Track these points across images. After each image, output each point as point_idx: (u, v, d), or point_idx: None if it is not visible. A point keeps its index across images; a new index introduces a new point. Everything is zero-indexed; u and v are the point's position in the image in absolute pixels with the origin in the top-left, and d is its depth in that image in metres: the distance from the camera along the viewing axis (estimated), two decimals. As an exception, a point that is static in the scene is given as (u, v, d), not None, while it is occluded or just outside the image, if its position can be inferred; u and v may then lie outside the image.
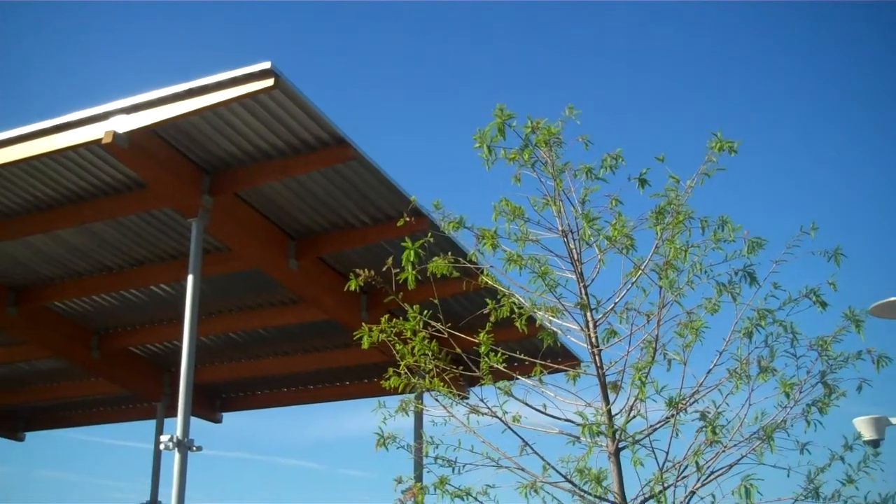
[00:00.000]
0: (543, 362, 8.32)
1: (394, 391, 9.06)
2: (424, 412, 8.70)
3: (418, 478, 8.51)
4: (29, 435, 34.23)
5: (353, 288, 8.92)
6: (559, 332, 8.47)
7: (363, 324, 8.54)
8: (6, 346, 27.80)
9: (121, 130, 16.61)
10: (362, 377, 28.98)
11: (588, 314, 8.34)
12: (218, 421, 30.68)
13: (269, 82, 15.51)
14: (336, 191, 19.50)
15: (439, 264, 8.47)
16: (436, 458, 8.27)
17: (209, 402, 29.79)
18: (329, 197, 19.72)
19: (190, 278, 18.42)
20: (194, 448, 17.89)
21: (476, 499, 8.08)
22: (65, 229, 21.25)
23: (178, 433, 17.64)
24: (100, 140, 16.66)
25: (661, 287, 7.98)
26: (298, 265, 21.16)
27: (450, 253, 8.73)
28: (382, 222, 20.37)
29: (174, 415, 23.43)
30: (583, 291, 8.35)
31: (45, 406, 32.88)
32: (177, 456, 17.61)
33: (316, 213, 20.40)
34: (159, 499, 27.03)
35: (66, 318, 25.90)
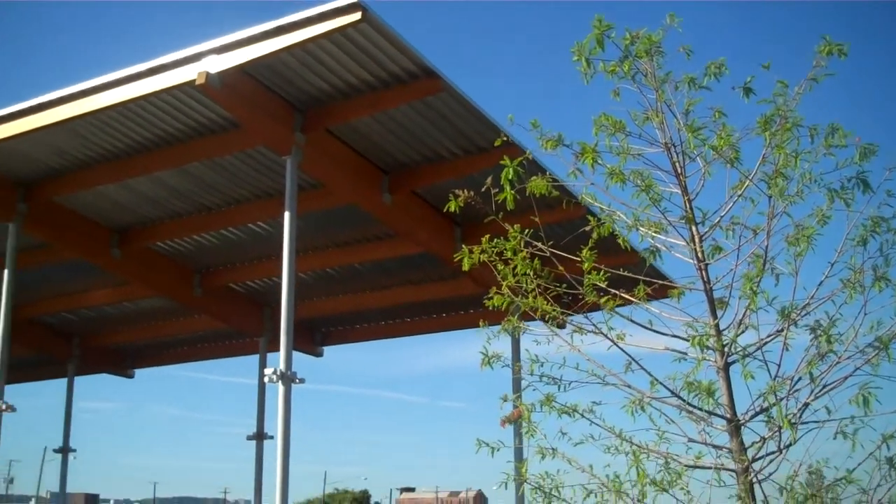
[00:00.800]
0: (648, 278, 8.18)
1: (494, 317, 9.00)
2: (527, 332, 8.61)
3: (522, 397, 8.48)
4: (138, 372, 35.52)
5: (452, 209, 8.82)
6: (663, 248, 8.30)
7: (462, 246, 8.43)
8: (112, 287, 28.74)
9: (213, 71, 16.78)
10: (459, 309, 29.18)
11: (693, 228, 8.16)
12: (319, 355, 31.32)
13: (357, 16, 15.43)
14: (427, 123, 19.46)
15: (538, 183, 8.34)
16: (541, 376, 8.23)
17: (309, 337, 30.39)
18: (420, 130, 19.70)
19: (286, 215, 18.65)
20: (297, 380, 18.29)
21: (582, 415, 8.06)
22: (164, 171, 21.73)
23: (282, 366, 18.03)
24: (193, 81, 16.87)
25: (770, 196, 7.76)
26: (392, 199, 21.25)
27: (548, 173, 8.62)
28: (474, 154, 20.30)
29: (276, 349, 24.00)
30: (687, 205, 8.14)
31: (151, 344, 33.99)
32: (281, 388, 18.03)
33: (407, 146, 20.41)
34: (265, 430, 27.79)
35: (169, 258, 26.61)
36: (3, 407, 21.67)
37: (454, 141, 20.02)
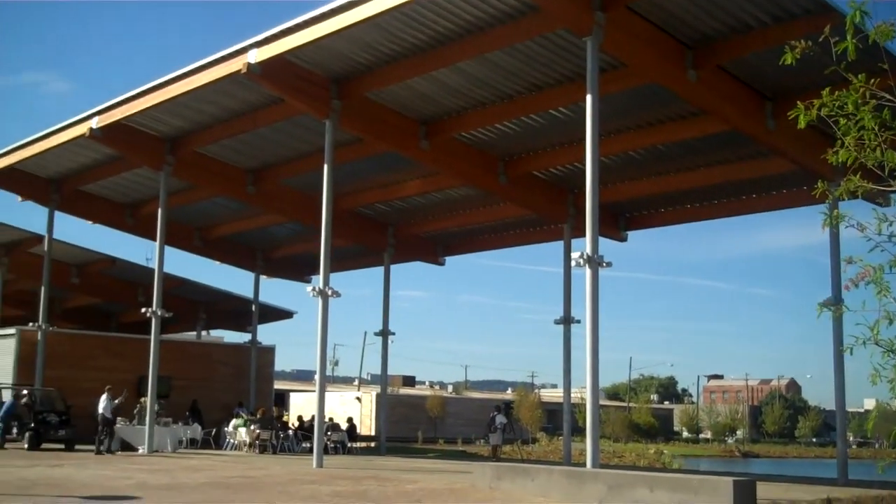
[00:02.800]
0: None
1: (814, 198, 8.28)
2: (873, 191, 7.80)
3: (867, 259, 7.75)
4: (448, 260, 36.97)
5: (788, 62, 7.87)
6: None
7: (797, 102, 7.71)
8: (422, 178, 29.88)
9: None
10: (769, 189, 27.84)
11: None
12: (623, 240, 31.11)
13: None
14: (734, -10, 18.37)
15: (883, 29, 7.41)
16: (890, 235, 7.53)
17: (613, 222, 30.20)
18: (726, -2, 18.64)
19: (588, 98, 18.40)
20: (604, 264, 18.25)
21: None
22: (466, 61, 22.04)
23: (588, 250, 18.04)
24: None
25: None
26: (697, 75, 20.38)
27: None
28: (784, 21, 18.94)
29: (580, 235, 24.10)
30: None
31: (459, 232, 35.18)
32: (588, 272, 18.08)
33: (712, 17, 19.38)
34: (573, 314, 28.13)
35: (473, 148, 27.18)
36: (330, 293, 23.29)
37: (763, 8, 18.75)
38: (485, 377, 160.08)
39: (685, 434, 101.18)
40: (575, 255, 18.16)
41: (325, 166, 23.76)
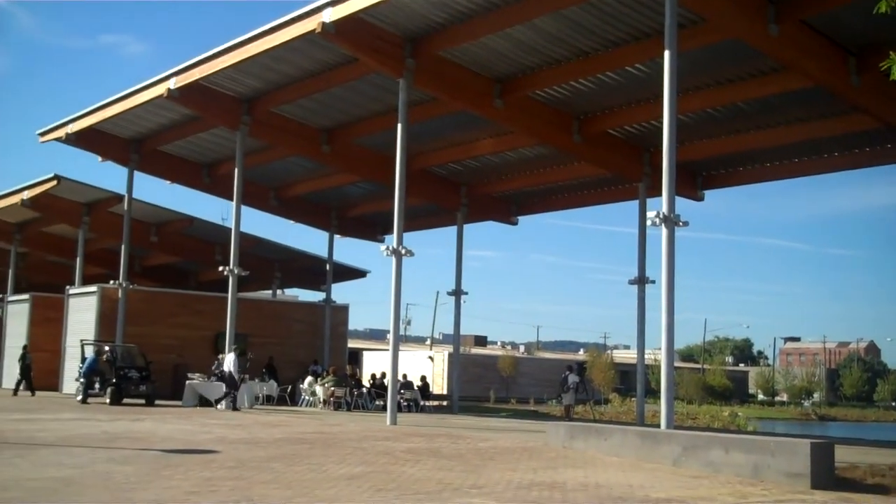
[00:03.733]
0: None
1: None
2: None
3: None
4: (521, 220, 36.81)
5: (882, 10, 7.62)
6: None
7: (890, 53, 7.42)
8: (495, 137, 29.70)
9: None
10: (851, 147, 27.13)
11: None
12: (700, 199, 30.63)
13: None
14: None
15: None
16: None
17: (690, 181, 29.74)
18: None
19: (666, 54, 18.04)
20: (680, 223, 17.98)
21: None
22: (541, 17, 21.75)
23: (664, 209, 17.78)
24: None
25: None
26: (779, 30, 19.81)
27: None
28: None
29: (656, 194, 23.70)
30: None
31: (533, 191, 34.97)
32: (664, 231, 17.84)
33: (796, -31, 18.85)
34: (647, 275, 27.85)
35: (548, 106, 26.89)
36: (403, 252, 23.36)
37: (850, -41, 18.16)
38: (556, 338, 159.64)
39: (760, 397, 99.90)
40: (651, 214, 17.94)
41: (399, 125, 23.74)
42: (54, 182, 36.02)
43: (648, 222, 18.08)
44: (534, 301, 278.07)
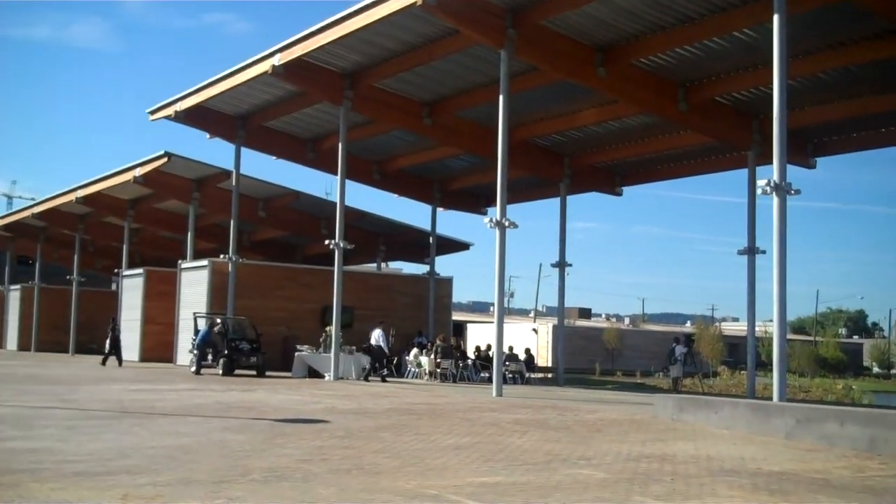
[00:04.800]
0: None
1: None
2: None
3: None
4: (625, 190, 36.31)
5: None
6: None
7: None
8: (598, 107, 29.32)
9: None
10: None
11: None
12: (811, 166, 29.75)
13: None
14: None
15: None
16: None
17: (801, 148, 28.88)
18: None
19: (775, 18, 17.55)
20: (792, 191, 17.53)
21: None
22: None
23: (775, 177, 17.34)
24: None
25: None
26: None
27: None
28: None
29: (765, 162, 23.16)
30: None
31: (637, 161, 34.43)
32: (775, 200, 17.40)
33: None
34: (757, 245, 27.21)
35: (652, 74, 26.40)
36: (507, 224, 23.29)
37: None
38: (662, 310, 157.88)
39: (875, 369, 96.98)
40: (761, 182, 17.53)
41: (501, 97, 23.61)
42: (165, 159, 37.01)
43: (759, 191, 17.70)
44: (638, 273, 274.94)
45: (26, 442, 11.68)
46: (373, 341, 29.38)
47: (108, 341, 36.32)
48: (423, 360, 32.47)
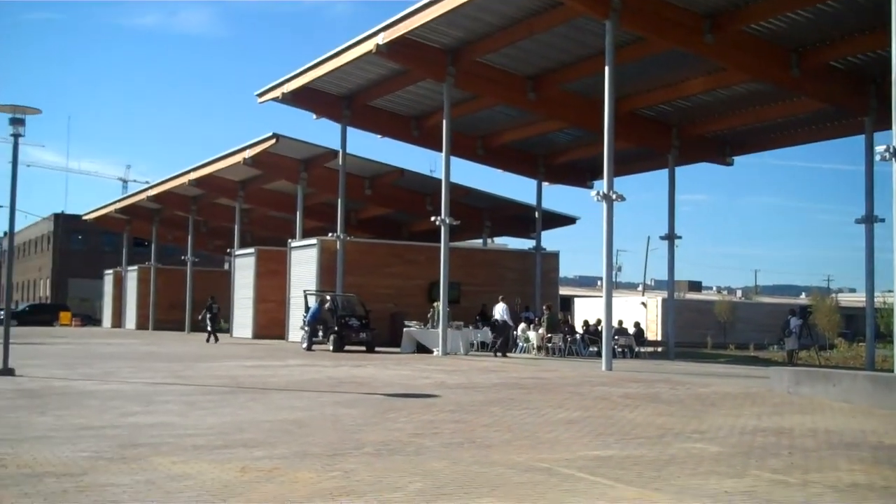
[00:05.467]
0: None
1: None
2: None
3: None
4: (735, 160, 35.46)
5: None
6: None
7: None
8: (706, 75, 28.68)
9: None
10: None
11: None
12: (933, 130, 28.58)
13: None
14: None
15: None
16: None
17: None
18: None
19: (894, -25, 16.82)
20: (913, 156, 16.85)
21: None
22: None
23: (895, 142, 16.68)
24: None
25: None
26: None
27: None
28: None
29: (883, 128, 22.29)
30: None
31: (748, 130, 33.58)
32: (894, 166, 16.75)
33: None
34: (875, 213, 26.32)
35: (762, 39, 25.68)
36: (614, 197, 23.01)
37: None
38: (775, 282, 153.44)
39: None
40: (880, 148, 16.90)
41: (606, 68, 23.24)
42: (273, 140, 37.71)
43: (877, 157, 17.04)
44: (750, 244, 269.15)
45: (148, 417, 12.09)
46: (497, 316, 29.53)
47: (207, 319, 37.68)
48: (531, 334, 32.42)
